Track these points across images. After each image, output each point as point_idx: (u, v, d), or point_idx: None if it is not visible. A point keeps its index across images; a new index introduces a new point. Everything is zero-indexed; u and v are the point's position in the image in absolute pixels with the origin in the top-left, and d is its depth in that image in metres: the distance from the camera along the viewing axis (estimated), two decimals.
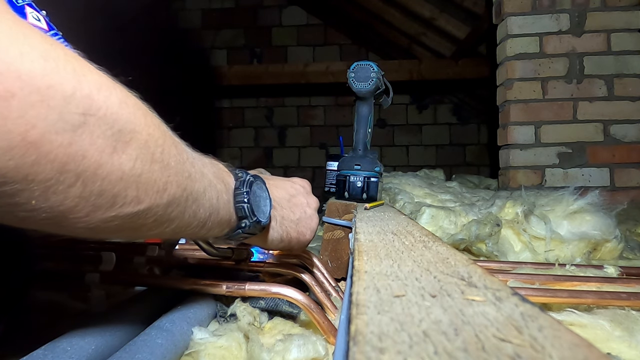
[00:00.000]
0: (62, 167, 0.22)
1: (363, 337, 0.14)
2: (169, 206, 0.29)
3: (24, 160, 0.20)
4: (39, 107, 0.20)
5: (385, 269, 0.25)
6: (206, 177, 0.34)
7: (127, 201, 0.25)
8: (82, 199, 0.23)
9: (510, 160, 1.64)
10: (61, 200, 0.23)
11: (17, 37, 0.20)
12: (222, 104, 3.64)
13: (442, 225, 0.93)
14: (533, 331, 0.15)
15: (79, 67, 0.22)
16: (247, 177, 0.40)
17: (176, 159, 0.29)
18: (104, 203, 0.24)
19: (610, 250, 0.86)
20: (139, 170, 0.25)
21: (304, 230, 0.50)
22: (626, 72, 1.60)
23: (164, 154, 0.27)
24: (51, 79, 0.20)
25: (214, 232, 0.37)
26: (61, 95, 0.21)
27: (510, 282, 0.57)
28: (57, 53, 0.21)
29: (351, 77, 0.72)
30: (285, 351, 0.36)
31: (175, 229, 0.31)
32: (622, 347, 0.41)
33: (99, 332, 0.36)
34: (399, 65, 2.76)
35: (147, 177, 0.26)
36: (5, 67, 0.19)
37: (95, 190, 0.23)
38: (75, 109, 0.21)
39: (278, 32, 3.54)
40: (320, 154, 3.53)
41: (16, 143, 0.20)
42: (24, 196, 0.21)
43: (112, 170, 0.24)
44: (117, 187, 0.24)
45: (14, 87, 0.19)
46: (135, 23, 2.57)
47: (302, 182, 0.54)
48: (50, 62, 0.21)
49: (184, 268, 0.63)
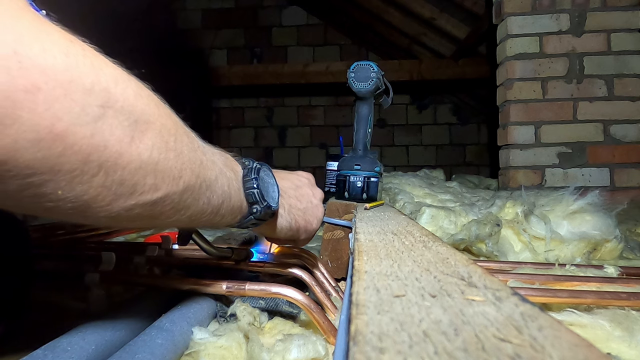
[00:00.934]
0: (86, 158, 0.22)
1: (363, 337, 0.14)
2: (185, 193, 0.30)
3: (51, 152, 0.21)
4: (63, 101, 0.21)
5: (385, 269, 0.25)
6: (217, 165, 0.35)
7: (145, 189, 0.26)
8: (104, 188, 0.24)
9: (510, 160, 1.64)
10: (85, 190, 0.23)
11: (39, 33, 0.20)
12: (222, 104, 3.64)
13: (442, 225, 0.93)
14: (533, 331, 0.15)
15: (97, 61, 0.23)
16: (254, 165, 0.41)
17: (189, 147, 0.30)
18: (124, 191, 0.25)
19: (610, 250, 0.86)
20: (156, 159, 0.26)
21: (311, 219, 0.50)
22: (626, 72, 1.60)
23: (177, 142, 0.28)
24: (72, 74, 0.21)
25: (227, 220, 0.38)
26: (82, 89, 0.22)
27: (510, 282, 0.57)
28: (76, 49, 0.22)
29: (351, 77, 0.72)
30: (285, 351, 0.36)
31: (190, 216, 0.32)
32: (622, 347, 0.41)
33: (99, 332, 0.36)
34: (399, 65, 2.76)
35: (163, 165, 0.27)
36: (30, 62, 0.19)
37: (116, 179, 0.24)
38: (95, 101, 0.22)
39: (278, 32, 3.54)
40: (320, 154, 3.53)
41: (44, 135, 0.20)
42: (51, 186, 0.22)
43: (132, 159, 0.25)
44: (136, 175, 0.25)
45: (39, 82, 0.20)
46: (135, 23, 2.57)
47: (307, 174, 0.55)
48: (71, 58, 0.21)
49: (184, 268, 0.63)
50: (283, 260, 0.60)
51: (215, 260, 0.57)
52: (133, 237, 1.15)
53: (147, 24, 2.85)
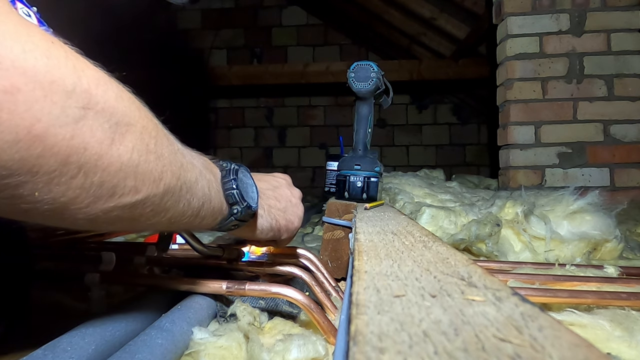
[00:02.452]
0: (65, 159, 0.22)
1: (363, 337, 0.14)
2: (165, 195, 0.29)
3: (29, 153, 0.21)
4: (43, 102, 0.21)
5: (385, 269, 0.25)
6: (196, 167, 0.35)
7: (125, 191, 0.26)
8: (83, 190, 0.24)
9: (510, 160, 1.64)
10: (63, 192, 0.23)
11: (20, 35, 0.20)
12: (222, 104, 3.64)
13: (442, 225, 0.93)
14: (533, 331, 0.15)
15: (78, 63, 0.23)
16: (232, 166, 0.41)
17: (169, 149, 0.30)
18: (104, 193, 0.25)
19: (610, 250, 0.86)
20: (136, 161, 0.26)
21: (292, 217, 0.50)
22: (626, 72, 1.60)
23: (157, 144, 0.28)
24: (53, 75, 0.21)
25: (207, 221, 0.38)
26: (63, 90, 0.22)
27: (510, 282, 0.57)
28: (58, 50, 0.22)
29: (351, 77, 0.72)
30: (285, 351, 0.36)
31: (170, 218, 0.32)
32: (622, 347, 0.41)
33: (99, 332, 0.36)
34: (399, 65, 2.76)
35: (143, 167, 0.27)
36: (10, 63, 0.20)
37: (96, 181, 0.24)
38: (75, 103, 0.22)
39: (278, 32, 3.54)
40: (320, 154, 3.53)
41: (22, 136, 0.20)
42: (28, 188, 0.22)
43: (112, 161, 0.24)
44: (116, 177, 0.25)
45: (19, 83, 0.20)
46: (135, 23, 2.57)
47: (283, 175, 0.55)
48: (53, 59, 0.21)
49: (184, 268, 0.63)
50: (283, 260, 0.60)
51: (211, 259, 0.57)
52: (133, 237, 1.15)
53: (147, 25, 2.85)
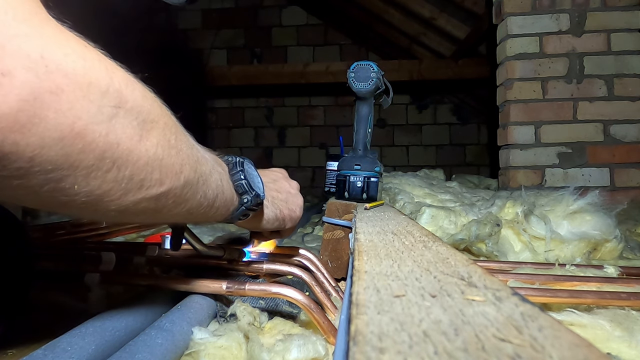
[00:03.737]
0: (101, 154, 0.24)
1: (363, 337, 0.14)
2: (185, 187, 0.32)
3: (72, 149, 0.23)
4: (82, 101, 0.23)
5: (385, 269, 0.25)
6: (209, 161, 0.37)
7: (152, 183, 0.28)
8: (116, 183, 0.26)
9: (510, 160, 1.64)
10: (99, 185, 0.25)
11: (60, 39, 0.22)
12: (222, 104, 3.64)
13: (442, 225, 0.93)
14: (533, 331, 0.15)
15: (109, 65, 0.25)
16: (237, 159, 0.43)
17: (187, 144, 0.32)
18: (133, 186, 0.27)
19: (610, 250, 0.86)
20: (160, 155, 0.28)
21: (293, 207, 0.53)
22: (626, 72, 1.60)
23: (177, 140, 0.31)
24: (90, 77, 0.23)
25: (221, 212, 0.40)
26: (98, 90, 0.24)
27: (510, 282, 0.57)
28: (91, 53, 0.24)
29: (351, 77, 0.72)
30: (285, 351, 0.36)
31: (190, 209, 0.34)
32: (622, 347, 0.41)
33: (99, 332, 0.36)
34: (399, 65, 2.75)
35: (166, 161, 0.29)
36: (55, 66, 0.21)
37: (127, 174, 0.26)
38: (109, 102, 0.24)
39: (278, 32, 3.54)
40: (320, 154, 3.53)
41: (66, 133, 0.22)
42: (69, 181, 0.24)
43: (140, 155, 0.27)
44: (144, 170, 0.27)
45: (62, 84, 0.22)
46: (135, 23, 2.57)
47: (280, 170, 0.58)
48: (88, 62, 0.23)
49: (184, 268, 0.63)
50: (283, 260, 0.60)
51: (212, 260, 0.57)
52: (133, 237, 1.15)
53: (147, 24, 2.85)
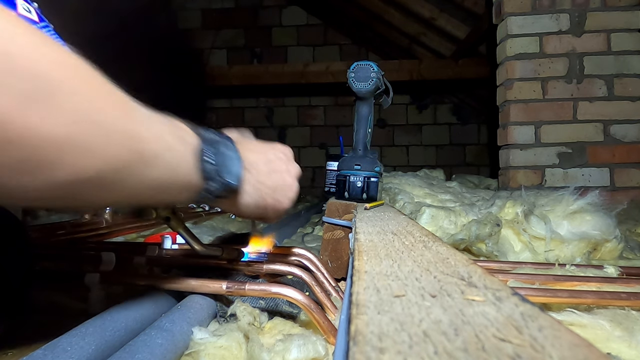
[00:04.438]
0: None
1: (363, 337, 0.14)
2: (117, 171, 0.27)
3: None
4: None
5: (385, 269, 0.25)
6: (163, 138, 0.32)
7: (55, 167, 0.23)
8: (3, 166, 0.22)
9: (510, 160, 1.64)
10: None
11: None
12: (222, 104, 3.64)
13: (442, 225, 0.93)
14: (533, 331, 0.15)
15: None
16: (212, 136, 0.38)
17: (122, 120, 0.27)
18: (31, 169, 0.23)
19: (610, 250, 0.86)
20: (73, 132, 0.23)
21: (281, 198, 0.46)
22: (626, 72, 1.60)
23: (104, 114, 0.25)
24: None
25: (179, 197, 0.36)
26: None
27: (510, 282, 0.57)
28: None
29: (351, 77, 0.72)
30: (285, 351, 0.36)
31: (124, 194, 0.30)
32: (622, 347, 0.41)
33: (99, 332, 0.36)
34: (399, 65, 2.76)
35: (82, 140, 0.24)
36: None
37: (14, 156, 0.21)
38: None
39: (278, 32, 3.54)
40: (320, 154, 3.53)
41: None
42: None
43: (35, 133, 0.21)
44: (44, 151, 0.22)
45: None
46: (135, 23, 2.58)
47: (284, 148, 0.50)
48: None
49: (184, 268, 0.63)
50: (283, 260, 0.60)
51: (211, 259, 0.57)
52: (133, 237, 1.15)
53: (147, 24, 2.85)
